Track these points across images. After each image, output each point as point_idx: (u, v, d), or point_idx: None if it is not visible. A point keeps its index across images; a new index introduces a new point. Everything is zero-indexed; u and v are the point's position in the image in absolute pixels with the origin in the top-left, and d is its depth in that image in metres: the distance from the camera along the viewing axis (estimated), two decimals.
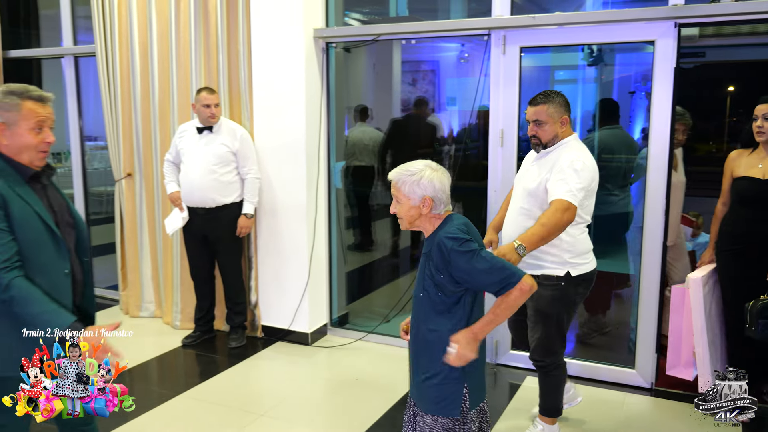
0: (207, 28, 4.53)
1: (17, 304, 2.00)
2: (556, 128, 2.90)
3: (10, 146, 2.10)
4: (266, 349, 4.50)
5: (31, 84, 5.74)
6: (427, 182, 2.07)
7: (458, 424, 2.10)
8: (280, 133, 4.39)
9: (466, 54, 9.04)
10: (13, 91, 2.10)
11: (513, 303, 2.02)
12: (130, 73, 4.88)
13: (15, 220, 2.05)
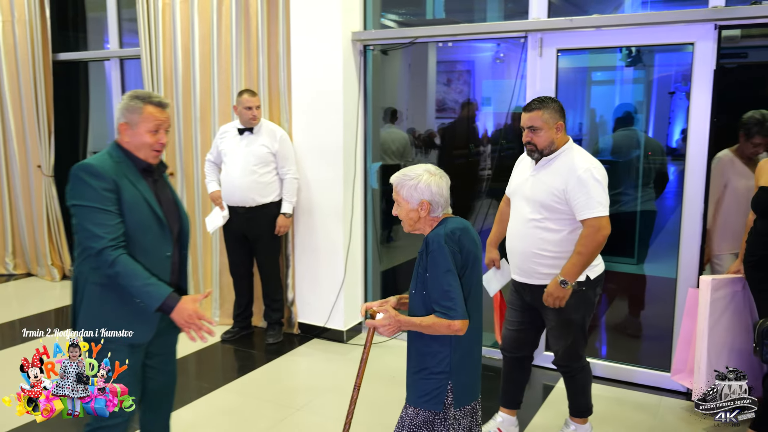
0: (248, 31, 4.64)
1: (122, 278, 2.21)
2: (552, 134, 2.83)
3: (130, 143, 2.35)
4: (302, 345, 4.59)
5: (78, 85, 5.95)
6: (425, 186, 2.15)
7: (438, 419, 2.16)
8: (318, 135, 4.48)
9: (501, 54, 9.01)
10: (138, 95, 2.35)
11: (437, 328, 2.09)
12: (173, 75, 5.03)
13: (125, 204, 2.27)
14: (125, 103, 2.36)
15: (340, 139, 4.41)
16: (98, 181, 2.24)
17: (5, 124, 6.10)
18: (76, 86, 6.28)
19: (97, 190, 2.23)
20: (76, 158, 6.39)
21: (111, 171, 2.28)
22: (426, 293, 2.14)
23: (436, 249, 2.10)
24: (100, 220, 2.22)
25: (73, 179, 2.27)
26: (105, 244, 2.19)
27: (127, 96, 2.37)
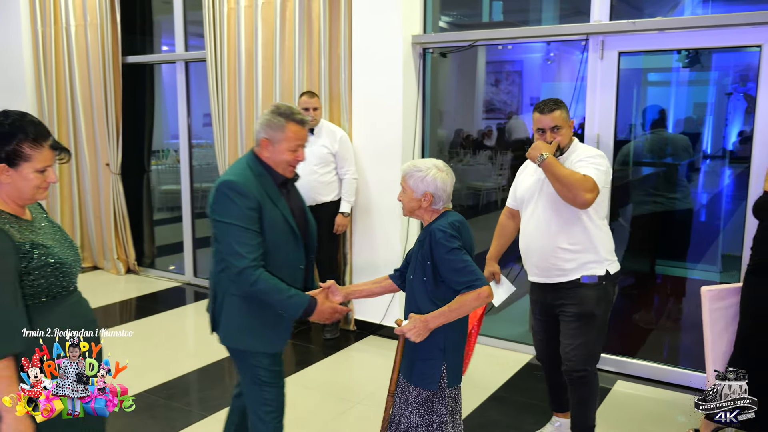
0: (310, 35, 4.78)
1: (263, 294, 2.31)
2: (570, 132, 2.91)
3: (269, 159, 2.38)
4: (358, 342, 4.70)
5: (144, 86, 6.19)
6: (431, 180, 2.29)
7: (437, 397, 2.33)
8: (377, 136, 4.58)
9: (552, 54, 8.95)
10: (281, 112, 2.34)
11: (467, 304, 2.21)
12: (236, 78, 5.20)
13: (266, 222, 2.33)
14: (268, 119, 2.35)
15: (398, 140, 4.50)
16: (243, 199, 2.29)
17: (76, 123, 6.39)
18: (142, 88, 6.54)
19: (241, 209, 2.28)
20: (141, 157, 6.66)
21: (254, 189, 2.32)
22: (426, 279, 2.28)
23: (441, 237, 2.23)
24: (243, 239, 2.28)
25: (218, 195, 2.32)
26: (247, 264, 2.27)
27: (269, 111, 2.36)
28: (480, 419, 3.56)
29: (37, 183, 1.89)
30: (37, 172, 1.87)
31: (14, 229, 1.87)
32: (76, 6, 6.21)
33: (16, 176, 1.86)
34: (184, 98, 6.01)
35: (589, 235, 2.84)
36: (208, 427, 3.45)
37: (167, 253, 6.88)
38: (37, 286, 1.89)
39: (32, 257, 1.87)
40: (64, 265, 1.95)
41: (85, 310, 2.07)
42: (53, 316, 1.93)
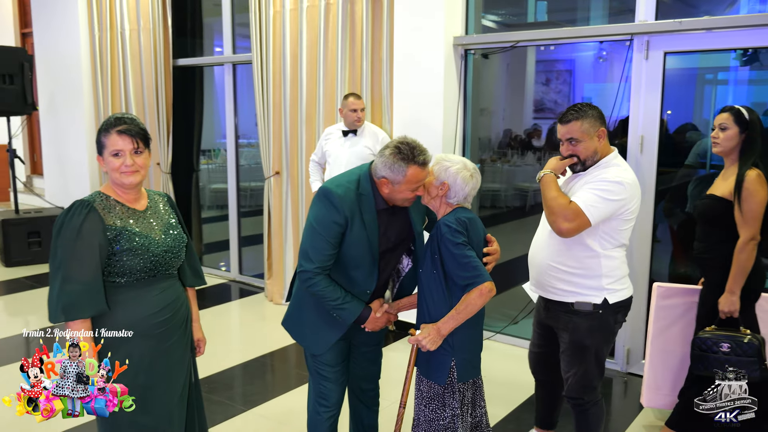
0: (353, 37, 4.83)
1: (319, 297, 2.43)
2: (595, 143, 2.62)
3: (388, 195, 2.39)
4: (397, 341, 4.73)
5: (193, 87, 6.33)
6: (453, 173, 2.35)
7: (447, 392, 2.37)
8: (418, 137, 4.55)
9: (604, 53, 8.77)
10: (403, 155, 2.29)
11: (472, 303, 2.24)
12: (281, 80, 5.30)
13: (348, 240, 2.38)
14: (389, 161, 2.31)
15: (439, 141, 4.50)
16: (332, 210, 2.35)
17: None
18: (192, 89, 6.73)
19: (326, 218, 2.35)
20: (191, 157, 6.86)
21: (348, 206, 2.35)
22: (436, 272, 2.32)
23: (446, 231, 2.28)
24: (318, 246, 2.36)
25: (318, 197, 2.41)
26: (312, 268, 2.37)
27: (391, 152, 2.31)
28: (517, 421, 3.53)
29: (115, 166, 2.14)
30: (112, 156, 2.14)
31: (112, 213, 2.14)
32: (131, 11, 6.43)
33: (105, 163, 2.16)
34: (232, 99, 6.15)
35: (593, 261, 2.63)
36: (247, 421, 3.54)
37: (214, 250, 7.06)
38: (123, 267, 2.13)
39: (119, 240, 2.11)
40: (148, 252, 2.16)
41: (173, 297, 2.28)
42: (136, 296, 2.17)
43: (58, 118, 7.42)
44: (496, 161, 7.08)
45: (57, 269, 2.07)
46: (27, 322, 5.33)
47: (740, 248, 2.85)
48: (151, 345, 2.19)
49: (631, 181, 2.60)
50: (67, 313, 2.04)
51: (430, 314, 2.37)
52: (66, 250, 2.06)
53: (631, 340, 4.08)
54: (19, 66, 6.72)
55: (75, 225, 2.06)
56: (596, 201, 2.53)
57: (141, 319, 2.16)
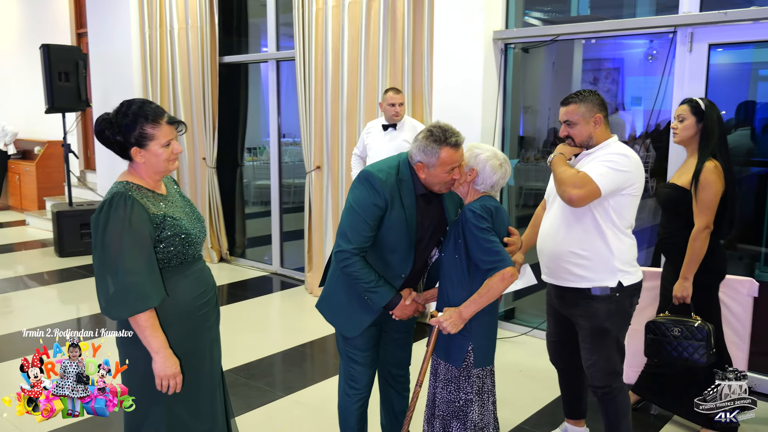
0: (394, 33, 4.88)
1: (353, 279, 2.47)
2: (590, 128, 2.68)
3: (426, 180, 2.42)
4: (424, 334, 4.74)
5: (239, 84, 6.47)
6: (483, 160, 2.38)
7: (463, 376, 2.41)
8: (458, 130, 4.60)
9: (654, 51, 8.60)
10: (435, 137, 2.35)
11: (494, 287, 2.27)
12: (323, 75, 5.39)
13: (386, 223, 2.43)
14: (423, 144, 2.37)
15: (478, 136, 4.51)
16: (373, 193, 2.40)
17: None
18: (237, 86, 6.89)
19: (367, 200, 2.40)
20: (235, 152, 7.02)
21: (389, 189, 2.40)
22: (458, 257, 2.35)
23: (471, 217, 2.31)
24: (357, 227, 2.41)
25: (358, 181, 2.46)
26: (350, 248, 2.41)
27: (424, 136, 2.38)
28: (552, 416, 3.52)
29: (166, 156, 2.15)
30: (162, 147, 2.14)
31: (150, 202, 2.13)
32: (179, 10, 6.63)
33: (148, 155, 2.13)
34: (275, 96, 6.28)
35: (604, 243, 2.64)
36: (285, 406, 3.63)
37: (257, 244, 7.20)
38: (167, 253, 2.15)
39: (164, 227, 2.13)
40: (190, 236, 2.20)
41: (207, 276, 2.33)
42: (178, 280, 2.19)
43: None
44: (540, 159, 7.02)
45: (110, 264, 2.03)
46: (78, 309, 5.55)
47: (694, 236, 3.00)
48: (196, 325, 2.26)
49: (636, 157, 2.65)
50: (136, 306, 2.02)
51: (449, 297, 2.39)
52: (119, 243, 2.02)
53: None
54: (74, 64, 7.01)
55: (123, 217, 2.04)
56: (605, 171, 2.56)
57: (187, 302, 2.21)
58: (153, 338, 2.07)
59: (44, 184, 9.37)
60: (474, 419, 2.39)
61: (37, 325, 4.90)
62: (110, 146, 2.16)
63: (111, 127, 2.12)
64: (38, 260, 7.07)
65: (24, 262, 7.04)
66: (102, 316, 5.20)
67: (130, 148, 2.12)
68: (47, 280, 6.35)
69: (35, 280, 6.32)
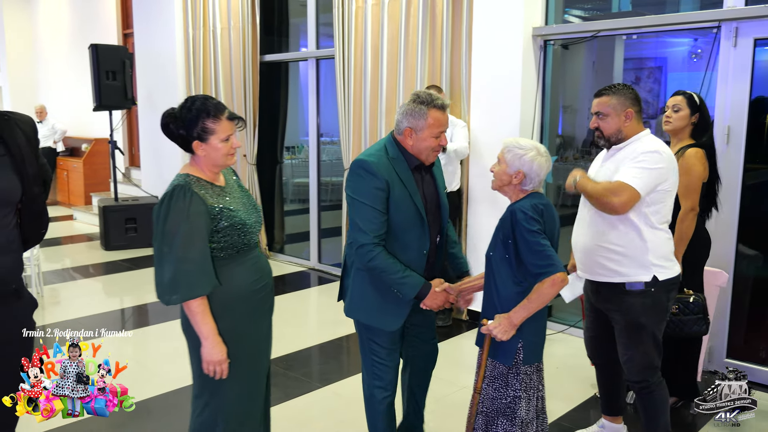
0: (433, 30, 4.91)
1: (379, 272, 2.44)
2: (619, 122, 2.68)
3: (413, 147, 2.47)
4: (470, 331, 4.77)
5: (279, 83, 6.58)
6: (529, 160, 2.32)
7: (511, 372, 2.37)
8: (496, 128, 4.62)
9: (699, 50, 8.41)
10: (422, 100, 2.42)
11: (544, 292, 2.23)
12: (362, 73, 5.45)
13: (393, 203, 2.43)
14: (410, 108, 2.42)
15: (516, 131, 4.51)
16: (372, 179, 2.40)
17: None
18: (277, 84, 7.01)
19: (369, 188, 2.40)
20: (275, 149, 7.13)
21: (385, 170, 2.41)
22: (508, 257, 2.31)
23: (522, 218, 2.26)
24: (368, 216, 2.40)
25: (352, 173, 2.45)
26: (368, 240, 2.39)
27: (410, 101, 2.43)
28: (589, 412, 3.51)
29: (225, 150, 2.23)
30: (222, 141, 2.21)
31: (209, 194, 2.21)
32: (222, 11, 6.77)
33: (208, 148, 2.21)
34: (315, 94, 6.37)
35: (638, 237, 2.64)
36: (321, 397, 3.69)
37: (295, 240, 7.31)
38: (224, 243, 2.23)
39: (221, 218, 2.21)
40: (246, 226, 2.27)
41: (263, 264, 2.41)
42: (235, 267, 2.27)
43: (155, 113, 7.89)
44: (578, 159, 6.94)
45: (167, 252, 2.12)
46: (122, 301, 5.72)
47: (681, 218, 3.12)
48: (253, 310, 2.35)
49: (667, 151, 2.65)
50: (188, 292, 2.12)
51: (499, 298, 2.35)
52: (176, 233, 2.11)
53: (713, 338, 3.94)
54: (121, 63, 7.21)
55: (182, 208, 2.13)
56: (638, 173, 2.57)
57: (245, 288, 2.29)
58: (203, 324, 2.16)
59: (91, 180, 9.67)
60: (521, 416, 2.36)
61: (85, 315, 5.08)
62: (174, 139, 2.25)
63: (175, 121, 2.21)
64: (85, 253, 7.31)
65: (71, 255, 7.27)
66: (144, 307, 5.36)
67: (192, 142, 2.20)
68: (93, 272, 6.56)
69: (82, 272, 6.53)
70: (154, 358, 4.30)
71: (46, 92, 11.26)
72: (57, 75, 10.95)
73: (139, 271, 6.47)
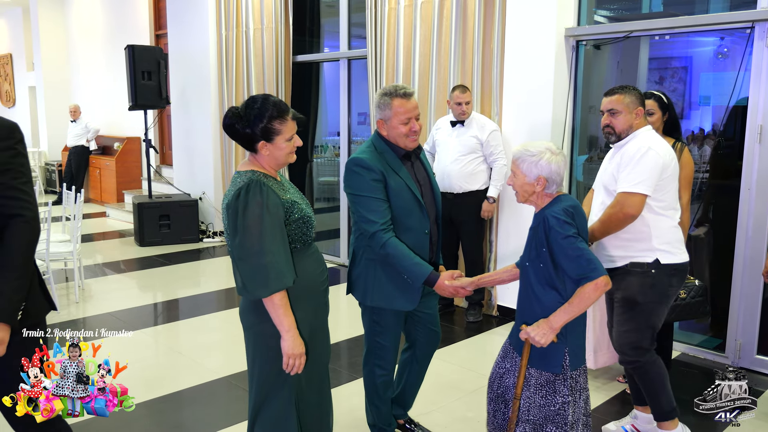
0: (465, 30, 5.00)
1: (391, 258, 2.61)
2: (631, 119, 2.82)
3: (389, 135, 2.68)
4: (500, 326, 4.84)
5: (311, 82, 6.76)
6: (545, 164, 2.27)
7: (559, 380, 2.32)
8: (527, 128, 4.69)
9: (725, 49, 8.37)
10: (385, 92, 2.66)
11: (587, 296, 2.18)
12: (395, 73, 5.55)
13: (391, 191, 2.63)
14: (377, 101, 2.68)
15: (548, 132, 4.58)
16: (368, 172, 2.60)
17: None
18: (308, 84, 7.14)
19: (367, 181, 2.60)
20: (306, 148, 7.26)
21: (377, 163, 2.62)
22: (543, 266, 2.27)
23: (555, 224, 2.23)
24: (372, 206, 2.60)
25: (348, 172, 2.66)
26: (377, 228, 2.58)
27: (377, 94, 2.69)
28: (621, 405, 3.57)
29: (288, 150, 2.28)
30: (286, 141, 2.25)
31: (276, 189, 2.24)
32: (255, 12, 6.92)
33: (273, 148, 2.24)
34: (346, 94, 6.48)
35: (644, 225, 2.77)
36: (354, 389, 3.78)
37: (324, 238, 7.43)
38: (293, 235, 2.27)
39: (292, 211, 2.25)
40: (311, 218, 2.34)
41: (321, 257, 2.47)
42: (303, 259, 2.31)
43: (187, 112, 8.07)
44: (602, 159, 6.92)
45: (250, 246, 2.13)
46: (155, 295, 5.88)
47: (684, 208, 3.22)
48: (318, 301, 2.42)
49: (655, 143, 2.77)
50: (276, 284, 2.13)
51: (541, 306, 2.30)
52: (258, 226, 2.13)
53: (744, 333, 3.98)
54: (156, 63, 7.39)
55: (261, 202, 2.14)
56: (636, 176, 2.70)
57: (312, 279, 2.34)
58: (285, 317, 2.18)
59: (123, 178, 9.89)
60: (570, 420, 2.34)
61: (122, 308, 5.24)
62: (237, 138, 2.27)
63: (240, 121, 2.22)
64: (119, 249, 7.50)
65: (105, 251, 7.46)
66: (185, 300, 5.49)
67: (257, 142, 2.23)
68: (129, 267, 6.73)
69: (118, 267, 6.71)
70: (190, 350, 4.43)
71: (80, 92, 11.53)
72: (90, 75, 11.21)
73: (174, 266, 6.63)
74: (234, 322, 5.03)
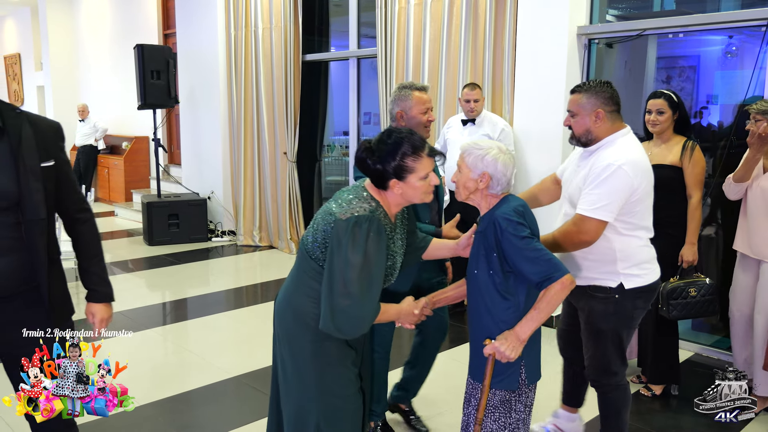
0: (475, 29, 4.98)
1: None
2: (588, 122, 2.49)
3: (407, 125, 2.79)
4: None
5: (320, 81, 6.77)
6: (491, 160, 2.11)
7: (515, 396, 2.18)
8: (539, 126, 4.67)
9: (734, 47, 8.31)
10: (405, 86, 2.88)
11: (554, 299, 2.04)
12: (404, 71, 5.53)
13: None
14: (397, 94, 2.87)
15: (560, 131, 4.55)
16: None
17: (260, 115, 7.13)
18: (317, 83, 7.13)
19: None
20: (315, 147, 7.25)
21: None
22: (493, 272, 2.12)
23: (507, 226, 2.06)
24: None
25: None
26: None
27: (395, 88, 2.86)
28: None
29: (423, 189, 2.08)
30: (421, 180, 2.06)
31: (389, 236, 2.13)
32: (264, 11, 6.91)
33: (405, 186, 2.07)
34: (355, 92, 6.48)
35: (606, 246, 2.52)
36: None
37: None
38: None
39: (386, 259, 2.12)
40: (394, 270, 2.21)
41: None
42: None
43: (196, 111, 8.07)
44: None
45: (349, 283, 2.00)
46: (164, 294, 5.88)
47: (696, 206, 3.38)
48: None
49: (628, 159, 2.44)
50: (352, 331, 2.05)
51: (493, 318, 2.15)
52: (362, 267, 2.00)
53: None
54: (165, 63, 7.40)
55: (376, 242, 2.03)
56: (597, 198, 2.42)
57: None
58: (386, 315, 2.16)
59: (131, 178, 9.91)
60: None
61: (131, 308, 5.24)
62: (368, 174, 2.11)
63: (372, 156, 2.07)
64: (128, 248, 7.50)
65: (114, 250, 7.47)
66: (195, 299, 5.49)
67: (389, 179, 2.07)
68: (135, 267, 6.74)
69: (125, 267, 6.72)
70: (200, 349, 4.43)
71: (88, 91, 11.57)
72: (98, 74, 11.24)
73: (183, 266, 6.64)
74: (243, 321, 5.09)
